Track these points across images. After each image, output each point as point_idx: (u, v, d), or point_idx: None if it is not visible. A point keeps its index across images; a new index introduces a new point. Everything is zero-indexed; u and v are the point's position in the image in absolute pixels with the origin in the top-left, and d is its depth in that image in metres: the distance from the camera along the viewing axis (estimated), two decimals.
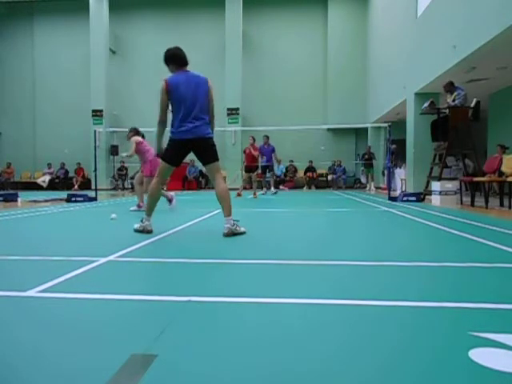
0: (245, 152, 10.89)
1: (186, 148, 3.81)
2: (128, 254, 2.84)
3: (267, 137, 11.50)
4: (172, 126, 3.81)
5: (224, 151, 17.24)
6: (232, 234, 3.72)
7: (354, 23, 18.26)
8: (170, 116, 3.87)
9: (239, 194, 10.53)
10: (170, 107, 3.85)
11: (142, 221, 3.96)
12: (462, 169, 8.38)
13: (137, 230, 3.95)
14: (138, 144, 6.52)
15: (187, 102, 3.73)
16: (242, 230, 3.82)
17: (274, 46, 18.83)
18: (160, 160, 3.93)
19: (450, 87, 8.15)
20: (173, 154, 3.84)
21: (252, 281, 2.16)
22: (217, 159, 3.89)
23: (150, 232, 3.88)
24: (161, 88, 3.77)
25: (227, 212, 3.82)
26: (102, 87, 18.20)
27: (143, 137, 6.80)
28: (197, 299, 1.80)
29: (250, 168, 10.58)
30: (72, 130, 19.20)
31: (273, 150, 11.40)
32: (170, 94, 3.74)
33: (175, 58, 3.86)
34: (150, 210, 3.97)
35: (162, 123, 3.85)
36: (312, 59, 18.77)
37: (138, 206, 6.53)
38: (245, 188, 11.52)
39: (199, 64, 19.24)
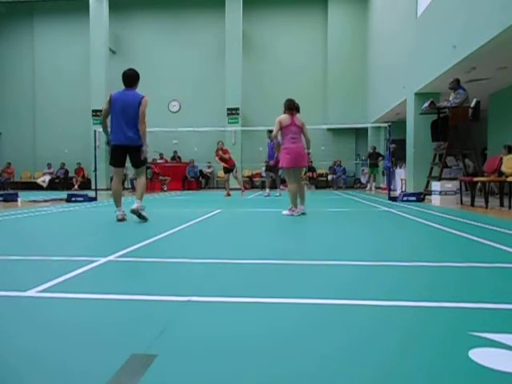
0: (217, 156, 10.97)
1: (120, 152, 4.78)
2: (128, 254, 2.84)
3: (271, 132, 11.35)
4: (111, 133, 4.81)
5: None
6: (137, 212, 4.66)
7: (354, 23, 18.26)
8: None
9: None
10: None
11: (116, 212, 4.86)
12: (462, 169, 8.37)
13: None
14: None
15: (118, 115, 4.68)
16: (145, 214, 4.75)
17: (274, 46, 18.84)
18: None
19: (456, 85, 8.11)
20: (112, 157, 4.85)
21: (252, 281, 2.16)
22: (143, 164, 4.88)
23: (123, 220, 4.78)
24: (107, 99, 4.85)
25: (139, 196, 4.80)
26: (102, 87, 18.17)
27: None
28: (197, 299, 1.80)
29: (227, 169, 11.03)
30: (72, 130, 19.20)
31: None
32: (111, 105, 4.74)
33: (123, 79, 4.85)
34: (117, 202, 4.88)
35: (102, 122, 5.01)
36: (312, 59, 18.77)
37: (291, 210, 5.57)
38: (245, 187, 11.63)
39: (199, 64, 19.41)
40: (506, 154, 7.95)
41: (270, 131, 11.05)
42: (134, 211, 4.64)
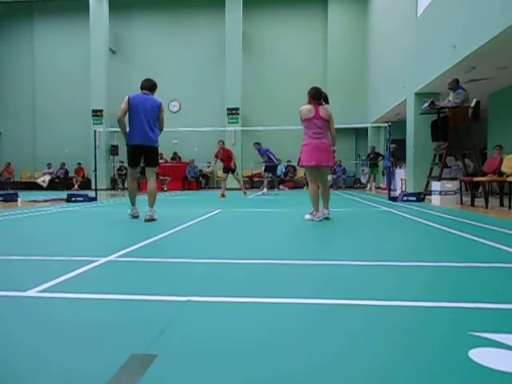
0: (217, 156, 10.93)
1: (139, 152, 4.98)
2: (128, 254, 2.84)
3: (257, 143, 11.82)
4: (129, 134, 4.98)
5: None
6: (151, 219, 4.90)
7: (354, 23, 18.26)
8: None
9: (223, 195, 10.62)
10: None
11: (131, 210, 5.18)
12: (462, 169, 8.38)
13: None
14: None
15: (139, 116, 4.89)
16: (156, 217, 5.00)
17: (274, 45, 18.83)
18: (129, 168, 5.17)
19: (455, 85, 8.11)
20: (131, 158, 5.03)
21: (252, 281, 2.16)
22: (156, 165, 5.19)
23: (137, 217, 5.12)
24: (125, 99, 4.93)
25: (151, 204, 5.02)
26: (102, 87, 18.19)
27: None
28: (197, 299, 1.80)
29: (227, 169, 10.96)
30: (72, 130, 19.20)
31: (266, 152, 11.76)
32: (130, 106, 4.91)
33: (143, 82, 5.17)
34: (133, 201, 5.17)
35: (119, 121, 4.95)
36: (312, 59, 18.77)
37: (312, 214, 4.99)
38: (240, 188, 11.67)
39: (199, 64, 19.40)
40: (499, 153, 7.97)
41: (256, 143, 11.54)
42: (147, 221, 4.85)
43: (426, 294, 1.91)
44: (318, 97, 4.96)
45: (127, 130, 5.03)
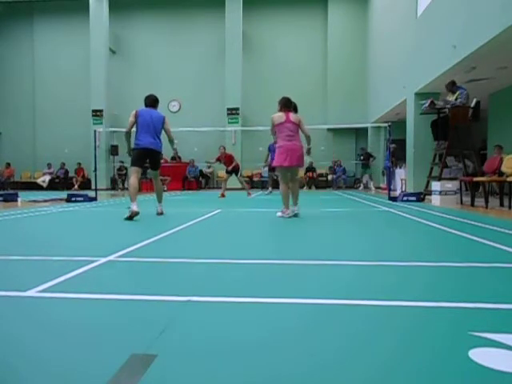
0: (219, 160, 11.24)
1: (144, 155, 5.55)
2: (128, 254, 2.84)
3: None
4: (135, 139, 5.54)
5: None
6: (162, 213, 5.69)
7: (354, 23, 18.26)
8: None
9: (223, 195, 10.73)
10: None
11: (128, 207, 5.21)
12: (462, 169, 8.37)
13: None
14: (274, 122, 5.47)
15: (146, 125, 5.49)
16: (164, 211, 5.77)
17: (274, 45, 18.83)
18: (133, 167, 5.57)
19: (452, 87, 8.14)
20: (136, 159, 5.51)
21: (252, 281, 2.16)
22: (159, 167, 5.82)
23: (137, 213, 5.10)
24: (132, 113, 5.55)
25: (160, 200, 5.79)
26: (102, 87, 18.18)
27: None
28: (197, 299, 1.80)
29: (232, 170, 11.24)
30: (72, 130, 19.19)
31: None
32: (137, 118, 5.52)
33: (147, 100, 5.75)
34: (133, 197, 5.21)
35: (126, 134, 5.69)
36: (312, 59, 18.77)
37: (282, 212, 5.41)
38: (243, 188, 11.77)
39: (199, 64, 19.40)
40: (498, 153, 7.98)
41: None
42: (159, 214, 5.66)
43: (426, 293, 1.91)
44: (288, 105, 5.55)
45: (131, 142, 5.68)
